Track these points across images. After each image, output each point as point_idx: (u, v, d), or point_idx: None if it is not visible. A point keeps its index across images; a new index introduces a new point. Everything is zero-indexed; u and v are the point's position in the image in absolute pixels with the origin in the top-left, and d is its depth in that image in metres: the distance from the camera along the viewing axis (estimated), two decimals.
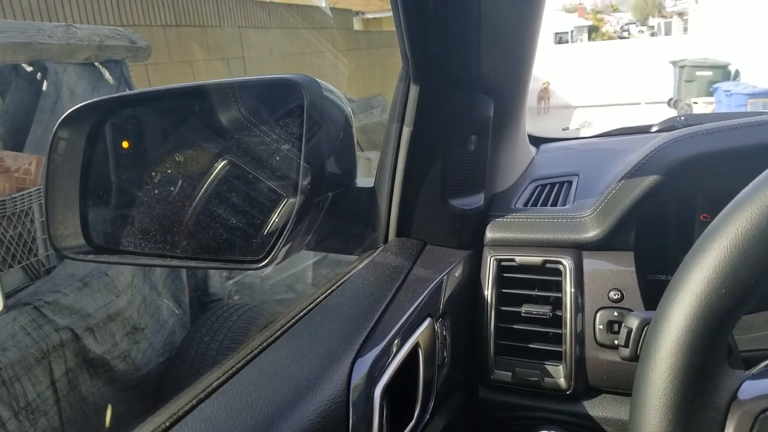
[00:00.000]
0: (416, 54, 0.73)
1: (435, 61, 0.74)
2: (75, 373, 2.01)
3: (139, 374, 2.24)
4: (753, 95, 8.21)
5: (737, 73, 9.79)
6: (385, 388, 0.56)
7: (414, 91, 0.77)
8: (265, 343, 0.55)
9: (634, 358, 0.59)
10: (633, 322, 0.58)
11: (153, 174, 0.81)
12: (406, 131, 0.79)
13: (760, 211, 0.39)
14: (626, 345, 0.58)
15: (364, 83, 6.39)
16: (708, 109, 8.99)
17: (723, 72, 9.69)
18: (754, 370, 0.44)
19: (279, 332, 0.57)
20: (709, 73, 9.70)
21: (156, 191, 0.80)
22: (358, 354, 0.55)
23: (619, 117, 9.77)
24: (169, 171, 0.80)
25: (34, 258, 2.11)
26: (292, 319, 0.60)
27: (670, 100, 10.40)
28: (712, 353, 0.41)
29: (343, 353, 0.54)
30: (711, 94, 9.22)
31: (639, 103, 11.32)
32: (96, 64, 2.59)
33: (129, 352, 2.23)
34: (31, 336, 1.86)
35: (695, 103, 9.35)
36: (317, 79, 0.77)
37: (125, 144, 0.82)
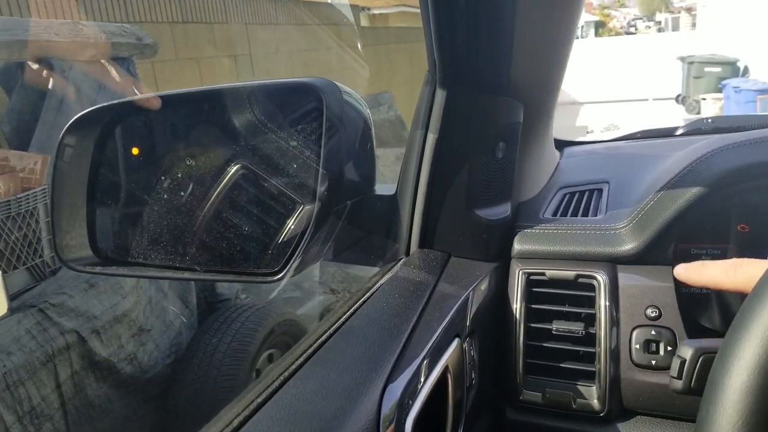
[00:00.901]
0: (444, 56, 0.69)
1: (464, 64, 0.70)
2: (81, 376, 1.98)
3: (145, 376, 2.21)
4: (762, 91, 8.13)
5: (746, 69, 9.70)
6: (417, 418, 0.52)
7: (440, 95, 0.73)
8: (287, 373, 0.50)
9: (688, 391, 0.55)
10: (687, 352, 0.54)
11: (163, 181, 0.77)
12: (431, 138, 0.75)
13: None
14: (679, 377, 0.54)
15: (371, 79, 6.35)
16: (717, 106, 8.92)
17: (732, 68, 9.60)
18: None
19: (302, 359, 0.53)
20: (717, 69, 9.61)
21: (167, 199, 0.77)
22: (388, 381, 0.51)
23: (628, 113, 9.70)
24: (181, 178, 0.77)
25: (39, 259, 2.07)
26: (315, 343, 0.56)
27: (678, 96, 10.32)
28: None
29: (372, 383, 0.50)
30: (720, 91, 9.13)
31: (647, 99, 11.24)
32: (102, 61, 2.56)
33: (135, 354, 2.19)
34: (36, 339, 1.83)
35: (704, 99, 9.27)
36: (336, 83, 0.73)
37: (135, 150, 0.78)
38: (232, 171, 0.76)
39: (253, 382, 0.49)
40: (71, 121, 0.73)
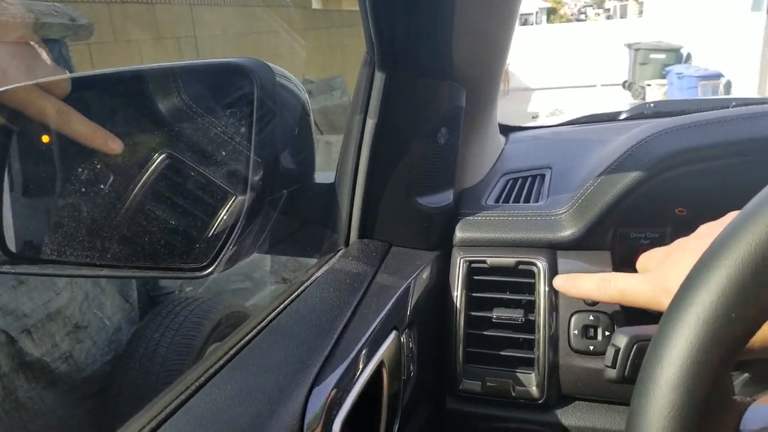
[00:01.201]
0: (382, 37, 0.65)
1: (403, 45, 0.66)
2: (10, 377, 1.87)
3: (82, 375, 2.12)
4: (704, 78, 8.41)
5: (689, 56, 10.01)
6: (346, 419, 0.48)
7: (379, 78, 0.69)
8: (202, 379, 0.46)
9: (622, 380, 0.54)
10: (621, 341, 0.53)
11: (80, 171, 0.71)
12: (370, 123, 0.71)
13: None
14: (613, 366, 0.53)
15: (324, 64, 6.25)
16: (660, 91, 9.18)
17: (676, 55, 9.89)
18: (759, 395, 0.39)
19: (220, 364, 0.48)
20: (662, 56, 9.89)
21: (84, 192, 0.70)
22: (314, 384, 0.48)
23: (579, 99, 9.90)
24: (99, 168, 0.70)
25: None
26: (236, 345, 0.51)
27: (625, 82, 10.58)
28: (718, 385, 0.35)
29: (296, 385, 0.47)
30: (664, 77, 9.40)
31: (595, 86, 11.49)
32: (31, 43, 2.41)
33: (71, 353, 2.10)
34: None
35: (648, 85, 9.53)
36: (269, 64, 0.68)
37: (45, 138, 0.71)
38: (157, 160, 0.70)
39: (163, 391, 0.45)
40: None
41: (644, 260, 0.61)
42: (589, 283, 0.63)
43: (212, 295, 2.84)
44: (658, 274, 0.57)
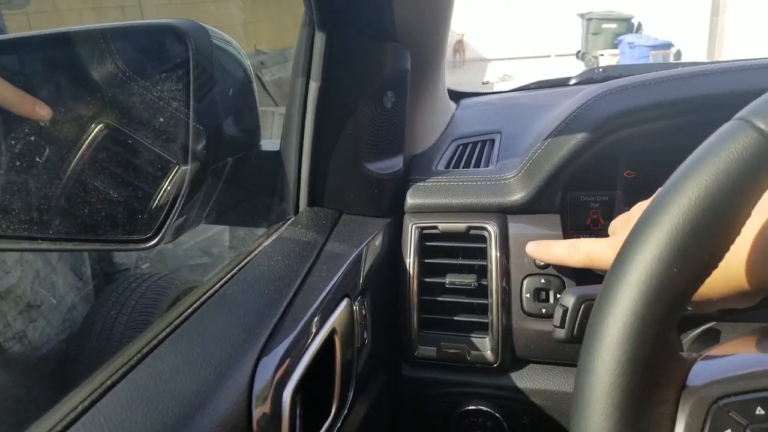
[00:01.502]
0: None
1: (343, 3, 0.65)
2: None
3: (37, 354, 2.07)
4: (654, 47, 8.54)
5: (640, 25, 10.13)
6: (296, 387, 0.48)
7: (320, 39, 0.67)
8: (145, 350, 0.45)
9: (571, 339, 0.55)
10: (569, 301, 0.53)
11: (12, 143, 0.68)
12: (313, 86, 0.70)
13: (712, 179, 0.34)
14: (561, 326, 0.53)
15: (277, 34, 6.11)
16: (613, 61, 9.29)
17: (627, 24, 9.99)
18: (706, 351, 0.40)
19: (163, 334, 0.47)
20: (614, 25, 9.98)
21: (18, 163, 0.68)
22: (262, 353, 0.47)
23: (533, 69, 9.95)
24: (33, 138, 0.68)
25: None
26: (181, 315, 0.50)
27: (578, 52, 10.66)
28: (663, 341, 0.35)
29: (244, 354, 0.46)
30: (616, 47, 9.51)
31: (549, 56, 11.55)
32: None
33: (25, 332, 2.05)
34: None
35: (601, 55, 9.62)
36: (205, 25, 0.66)
37: None
38: (94, 130, 0.68)
39: (105, 363, 0.44)
40: None
41: (614, 224, 0.62)
42: (560, 249, 0.64)
43: (170, 271, 2.80)
44: (617, 238, 0.58)
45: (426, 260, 0.75)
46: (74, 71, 0.68)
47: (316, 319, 0.54)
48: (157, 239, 0.66)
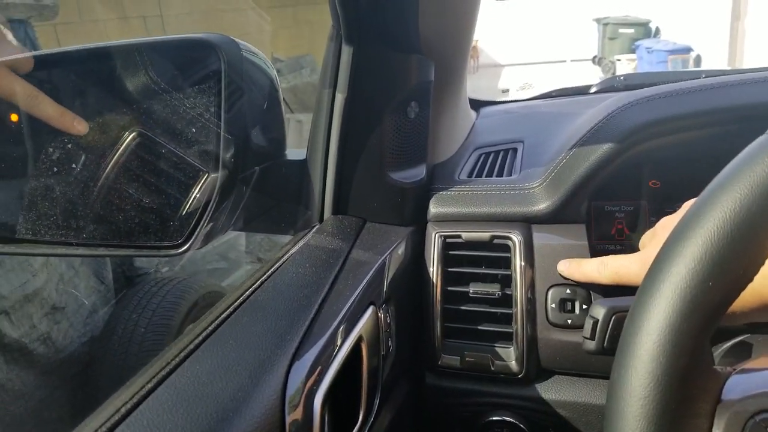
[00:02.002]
0: (347, 9, 0.65)
1: (369, 18, 0.66)
2: None
3: (60, 356, 2.10)
4: (673, 52, 8.46)
5: (657, 30, 10.05)
6: (326, 394, 0.49)
7: (347, 52, 0.69)
8: (182, 354, 0.47)
9: (601, 351, 0.55)
10: (599, 312, 0.53)
11: (51, 151, 0.70)
12: (339, 98, 0.71)
13: (749, 192, 0.34)
14: (592, 338, 0.54)
15: (291, 42, 6.16)
16: (630, 66, 9.22)
17: (644, 29, 9.92)
18: (740, 365, 0.40)
19: (199, 339, 0.49)
20: (631, 30, 9.91)
21: (55, 170, 0.70)
22: (294, 358, 0.48)
23: (549, 75, 9.91)
24: (70, 147, 0.70)
25: None
26: (215, 320, 0.52)
27: (595, 57, 10.59)
28: (697, 354, 0.36)
29: (277, 360, 0.47)
30: (633, 51, 9.44)
31: (565, 61, 11.49)
32: None
33: (49, 334, 2.08)
34: None
35: (618, 60, 9.56)
36: (236, 39, 0.68)
37: (14, 117, 0.71)
38: (128, 139, 0.70)
39: (143, 368, 0.45)
40: None
41: (643, 239, 0.63)
42: (590, 267, 0.65)
43: (188, 275, 2.83)
44: (645, 253, 0.58)
45: (449, 269, 0.75)
46: (110, 84, 0.70)
47: (343, 326, 0.56)
48: (187, 245, 0.68)
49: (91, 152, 0.70)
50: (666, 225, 0.58)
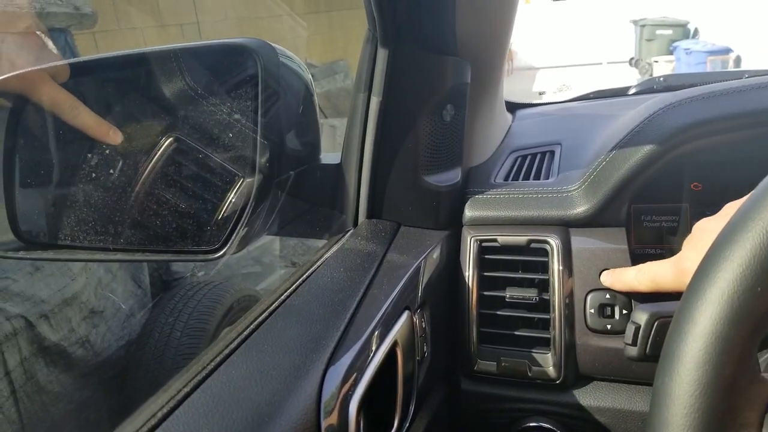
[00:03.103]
0: (384, 12, 0.64)
1: (406, 20, 0.66)
2: (30, 362, 1.90)
3: (98, 359, 2.14)
4: (712, 53, 8.28)
5: (696, 31, 9.85)
6: (362, 399, 0.49)
7: (382, 55, 0.68)
8: (218, 359, 0.47)
9: (644, 358, 0.53)
10: (642, 318, 0.52)
11: (89, 156, 0.71)
12: (375, 101, 0.71)
13: None
14: (634, 343, 0.52)
15: (325, 48, 6.22)
16: (668, 68, 9.05)
17: (683, 30, 9.74)
18: None
19: (235, 344, 0.49)
20: (669, 31, 9.74)
21: (94, 177, 0.71)
22: (329, 363, 0.48)
23: (586, 77, 9.79)
24: (108, 152, 0.71)
25: None
26: (251, 325, 0.52)
27: (632, 59, 10.43)
28: (744, 362, 0.34)
29: (312, 365, 0.47)
30: (671, 53, 9.27)
31: (601, 63, 11.34)
32: (38, 33, 2.41)
33: (87, 337, 2.12)
34: None
35: (656, 62, 9.39)
36: (272, 44, 0.68)
37: (54, 125, 0.72)
38: (165, 144, 0.71)
39: (180, 371, 0.45)
40: None
41: (684, 244, 0.61)
42: (628, 276, 0.64)
43: (223, 279, 2.86)
44: (680, 257, 0.57)
45: (485, 273, 0.74)
46: (148, 88, 0.71)
47: (378, 331, 0.55)
48: (224, 250, 0.68)
49: (129, 158, 0.71)
50: (703, 227, 0.57)
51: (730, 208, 0.53)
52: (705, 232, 0.55)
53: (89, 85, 0.71)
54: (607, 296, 0.68)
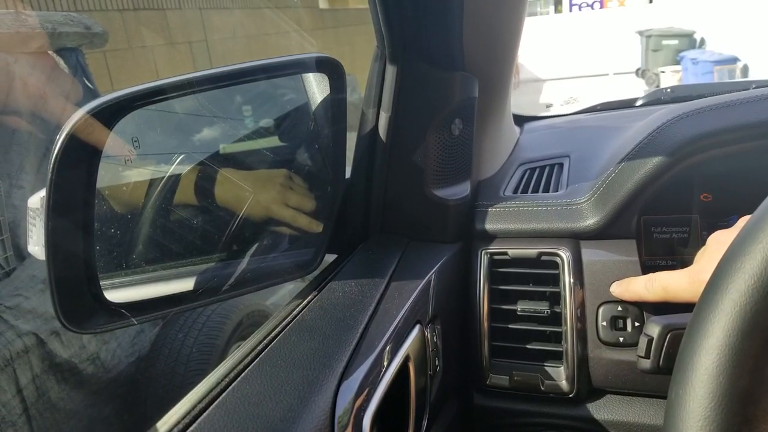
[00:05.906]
0: (392, 30, 0.65)
1: (413, 37, 0.66)
2: (42, 379, 1.91)
3: (109, 376, 2.15)
4: (719, 62, 8.26)
5: (702, 41, 9.85)
6: (375, 414, 0.49)
7: (391, 71, 0.69)
8: (232, 374, 0.47)
9: (657, 370, 0.53)
10: (654, 330, 0.52)
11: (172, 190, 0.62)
12: (384, 116, 0.71)
13: None
14: (647, 356, 0.52)
15: None
16: (675, 78, 9.04)
17: (689, 40, 9.74)
18: None
19: (248, 359, 0.49)
20: (675, 41, 9.74)
21: (182, 215, 0.62)
22: (342, 378, 0.48)
23: (592, 89, 9.80)
24: (201, 186, 0.64)
25: None
26: (264, 340, 0.52)
27: (638, 70, 10.44)
28: (759, 374, 0.34)
29: (325, 379, 0.47)
30: (678, 63, 9.27)
31: (607, 74, 11.36)
32: (50, 52, 2.44)
33: (98, 354, 2.13)
34: None
35: (662, 72, 9.39)
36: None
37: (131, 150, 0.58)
38: (260, 170, 0.68)
39: (196, 387, 0.46)
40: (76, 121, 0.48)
41: (697, 256, 0.61)
42: (638, 286, 0.64)
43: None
44: (696, 268, 0.57)
45: (496, 286, 0.74)
46: (226, 107, 0.67)
47: (390, 346, 0.55)
48: (317, 262, 0.70)
49: (227, 202, 0.65)
50: (718, 239, 0.57)
51: (745, 221, 0.54)
52: (722, 244, 0.55)
53: (175, 106, 0.62)
54: (619, 308, 0.68)
